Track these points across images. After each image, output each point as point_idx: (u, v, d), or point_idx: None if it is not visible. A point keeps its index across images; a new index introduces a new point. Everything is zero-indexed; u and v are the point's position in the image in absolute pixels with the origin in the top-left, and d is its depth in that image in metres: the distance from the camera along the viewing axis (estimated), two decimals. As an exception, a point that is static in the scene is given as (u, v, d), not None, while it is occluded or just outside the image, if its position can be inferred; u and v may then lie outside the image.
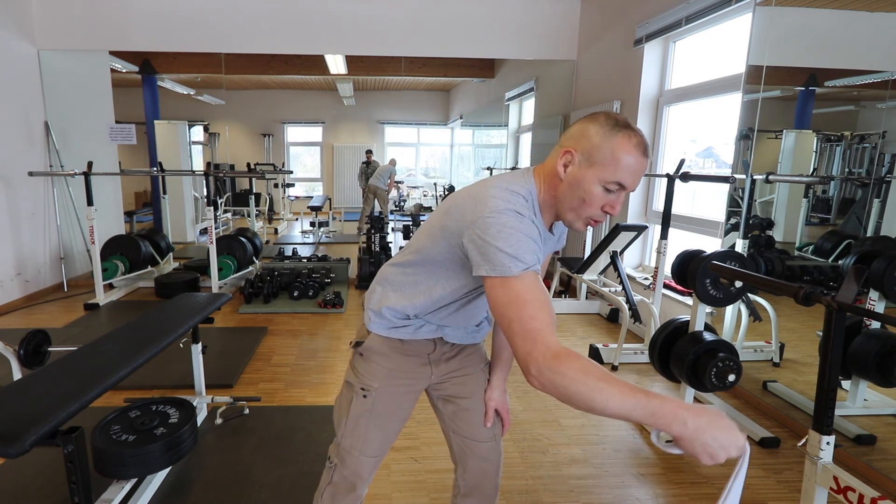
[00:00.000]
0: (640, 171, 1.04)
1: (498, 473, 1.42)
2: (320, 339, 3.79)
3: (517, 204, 1.04)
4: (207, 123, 7.29)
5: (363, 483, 1.34)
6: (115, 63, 5.62)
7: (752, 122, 2.94)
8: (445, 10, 5.07)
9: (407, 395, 1.34)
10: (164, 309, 2.34)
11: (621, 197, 1.05)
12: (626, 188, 1.04)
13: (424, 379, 1.35)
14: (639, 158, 1.02)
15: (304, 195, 9.82)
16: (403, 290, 1.24)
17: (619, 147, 1.01)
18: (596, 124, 1.04)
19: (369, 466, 1.33)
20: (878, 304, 2.25)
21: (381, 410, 1.30)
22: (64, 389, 1.53)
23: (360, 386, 1.30)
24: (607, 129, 1.03)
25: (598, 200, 1.04)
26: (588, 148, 1.03)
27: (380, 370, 1.29)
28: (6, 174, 4.51)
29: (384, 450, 1.34)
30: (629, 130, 1.02)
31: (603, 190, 1.03)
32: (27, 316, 4.30)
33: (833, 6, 2.67)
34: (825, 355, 1.33)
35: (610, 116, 1.05)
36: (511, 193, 1.05)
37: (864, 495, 1.32)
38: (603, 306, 4.47)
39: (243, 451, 2.31)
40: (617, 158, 1.01)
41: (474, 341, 1.38)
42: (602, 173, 1.02)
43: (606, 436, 2.52)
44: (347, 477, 1.32)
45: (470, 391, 1.39)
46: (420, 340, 1.29)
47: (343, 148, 9.71)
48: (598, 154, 1.02)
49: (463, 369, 1.38)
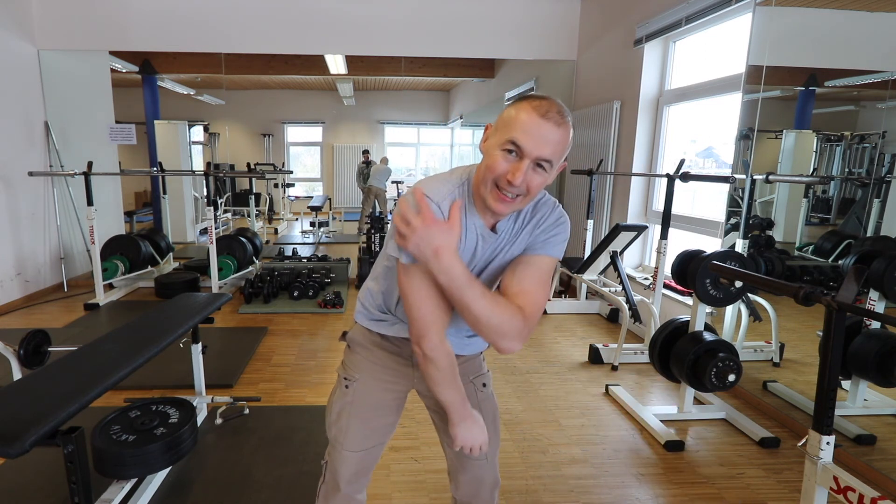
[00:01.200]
0: (538, 134, 0.97)
1: (492, 495, 1.38)
2: (320, 339, 3.79)
3: (437, 189, 1.07)
4: (207, 123, 7.29)
5: (345, 481, 1.30)
6: (115, 63, 5.62)
7: (752, 122, 2.94)
8: (445, 10, 5.07)
9: (388, 392, 1.32)
10: (164, 309, 2.34)
11: (523, 165, 0.99)
12: (522, 150, 0.98)
13: (407, 380, 1.33)
14: (534, 118, 0.97)
15: (304, 195, 9.82)
16: (379, 281, 1.26)
17: (515, 107, 1.01)
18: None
19: (350, 463, 1.30)
20: (878, 304, 2.25)
21: (360, 403, 1.30)
22: (64, 389, 1.53)
23: (344, 376, 1.32)
24: (517, 99, 1.03)
25: (500, 166, 1.00)
26: (499, 118, 1.05)
27: (363, 362, 1.30)
28: (6, 174, 4.51)
29: (365, 446, 1.31)
30: (533, 97, 1.01)
31: (503, 154, 1.00)
32: (27, 316, 4.30)
33: (833, 6, 2.67)
34: (825, 355, 1.33)
35: (530, 93, 1.04)
36: (440, 180, 1.10)
37: (864, 495, 1.32)
38: (603, 306, 4.47)
39: (243, 451, 2.31)
40: (511, 117, 1.00)
41: (461, 352, 1.30)
42: (500, 135, 1.01)
43: (606, 436, 2.52)
44: (333, 473, 1.32)
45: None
46: (401, 339, 1.27)
47: (343, 148, 9.71)
48: (501, 120, 1.03)
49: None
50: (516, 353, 3.55)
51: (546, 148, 0.98)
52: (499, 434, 1.40)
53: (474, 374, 1.37)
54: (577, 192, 5.01)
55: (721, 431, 2.58)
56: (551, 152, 0.99)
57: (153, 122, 6.34)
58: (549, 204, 1.18)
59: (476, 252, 1.14)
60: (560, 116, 0.98)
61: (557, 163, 1.03)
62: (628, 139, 4.27)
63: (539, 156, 0.99)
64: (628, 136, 4.27)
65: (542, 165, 1.00)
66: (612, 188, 4.60)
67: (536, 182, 1.02)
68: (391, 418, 1.35)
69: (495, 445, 1.37)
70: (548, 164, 1.01)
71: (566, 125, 1.00)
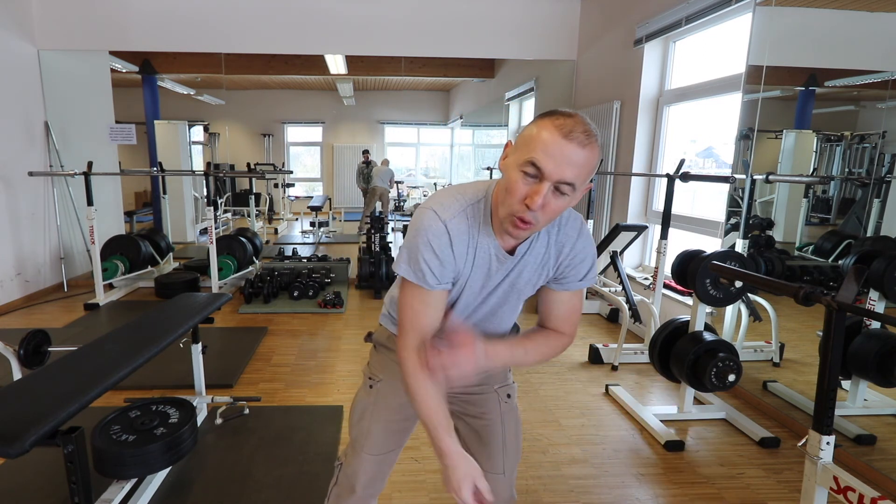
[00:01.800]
0: (561, 155, 0.90)
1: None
2: (320, 339, 3.79)
3: (447, 206, 1.03)
4: (207, 123, 7.29)
5: (361, 485, 1.30)
6: (115, 63, 5.62)
7: (752, 122, 2.94)
8: (445, 10, 5.07)
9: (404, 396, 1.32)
10: (164, 309, 2.34)
11: (543, 188, 0.92)
12: (543, 171, 0.91)
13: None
14: (556, 138, 0.90)
15: (304, 195, 9.82)
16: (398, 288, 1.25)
17: (537, 125, 0.94)
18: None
19: (369, 466, 1.30)
20: (878, 304, 2.25)
21: (383, 404, 1.29)
22: (64, 389, 1.53)
23: (369, 375, 1.32)
24: (539, 115, 0.96)
25: (519, 189, 0.93)
26: (520, 135, 0.98)
27: (387, 362, 1.29)
28: (6, 174, 4.51)
29: (385, 450, 1.30)
30: (557, 113, 0.93)
31: (522, 175, 0.93)
32: (27, 316, 4.30)
33: (833, 6, 2.67)
34: (825, 355, 1.33)
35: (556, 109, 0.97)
36: (453, 195, 1.06)
37: (864, 495, 1.32)
38: (603, 306, 4.47)
39: (243, 451, 2.31)
40: (532, 135, 0.93)
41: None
42: (520, 154, 0.94)
43: (606, 436, 2.52)
44: (349, 475, 1.31)
45: (479, 411, 1.29)
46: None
47: (343, 148, 9.71)
48: (522, 137, 0.96)
49: (473, 386, 1.29)
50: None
51: (569, 170, 0.91)
52: (519, 450, 1.35)
53: (499, 383, 1.32)
54: (577, 192, 5.01)
55: (721, 431, 2.58)
56: (574, 175, 0.91)
57: (153, 122, 6.34)
58: (575, 227, 1.11)
59: (490, 272, 1.10)
60: (586, 136, 0.91)
61: (582, 186, 0.95)
62: (628, 139, 4.27)
63: (560, 178, 0.91)
64: (628, 136, 4.27)
65: (563, 189, 0.93)
66: (612, 188, 4.60)
67: (557, 206, 0.95)
68: (411, 423, 1.34)
69: (514, 461, 1.32)
70: (570, 188, 0.93)
71: (592, 145, 0.92)
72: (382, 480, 1.35)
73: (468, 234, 1.05)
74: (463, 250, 1.05)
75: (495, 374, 1.32)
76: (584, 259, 1.12)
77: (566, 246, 1.10)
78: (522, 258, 1.10)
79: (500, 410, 1.30)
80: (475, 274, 1.10)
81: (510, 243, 1.07)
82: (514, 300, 1.18)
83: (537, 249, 1.10)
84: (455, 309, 1.16)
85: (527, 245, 1.09)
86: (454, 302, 1.15)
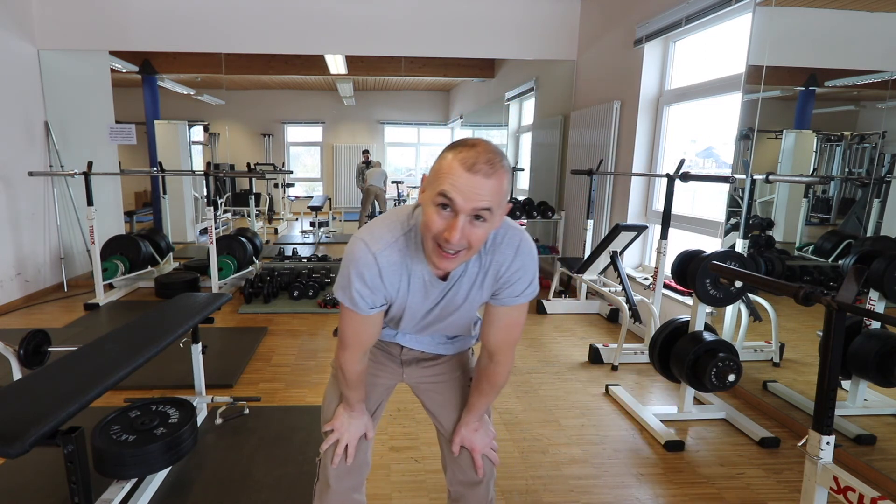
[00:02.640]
0: (466, 187, 0.92)
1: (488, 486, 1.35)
2: (320, 339, 3.79)
3: (378, 238, 1.06)
4: (207, 123, 7.29)
5: (333, 478, 1.29)
6: (115, 63, 5.62)
7: (752, 122, 2.94)
8: (445, 10, 5.07)
9: (377, 385, 1.37)
10: (164, 309, 2.34)
11: (458, 222, 0.94)
12: (455, 204, 0.93)
13: (395, 375, 1.38)
14: (461, 171, 0.92)
15: (304, 195, 9.82)
16: None
17: (444, 158, 0.96)
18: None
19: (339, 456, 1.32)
20: (878, 304, 2.25)
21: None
22: (64, 389, 1.53)
23: (336, 367, 1.33)
24: (447, 147, 0.98)
25: (436, 223, 0.96)
26: (431, 169, 1.00)
27: None
28: (6, 174, 4.51)
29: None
30: (461, 145, 0.96)
31: (437, 210, 0.95)
32: (27, 316, 4.30)
33: (833, 6, 2.67)
34: (825, 355, 1.33)
35: (462, 139, 0.99)
36: (385, 225, 1.08)
37: (864, 495, 1.32)
38: (603, 306, 4.47)
39: (243, 451, 2.31)
40: (441, 170, 0.95)
41: (447, 352, 1.38)
42: (432, 189, 0.96)
43: (606, 436, 2.52)
44: (323, 469, 1.32)
45: (442, 400, 1.39)
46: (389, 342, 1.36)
47: (343, 148, 9.72)
48: (433, 171, 0.98)
49: (436, 376, 1.39)
50: (516, 353, 3.53)
51: (479, 201, 0.93)
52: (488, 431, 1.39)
53: (460, 369, 1.41)
54: (577, 192, 5.01)
55: (721, 431, 2.58)
56: (487, 202, 0.93)
57: (153, 122, 6.34)
58: (511, 246, 1.11)
59: (427, 293, 1.14)
60: (489, 167, 0.92)
61: (498, 208, 0.97)
62: (628, 139, 4.27)
63: (474, 208, 0.93)
64: (628, 136, 4.27)
65: (481, 215, 0.95)
66: (612, 188, 4.60)
67: (479, 233, 0.97)
68: (375, 410, 1.39)
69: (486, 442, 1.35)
70: (487, 213, 0.95)
71: (498, 173, 0.93)
72: (359, 474, 1.33)
73: (401, 263, 1.08)
74: (395, 280, 1.09)
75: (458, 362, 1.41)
76: (521, 277, 1.13)
77: (503, 266, 1.11)
78: (456, 282, 1.13)
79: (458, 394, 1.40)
80: (413, 297, 1.14)
81: (441, 272, 1.10)
82: (459, 313, 1.21)
83: (470, 272, 1.12)
84: (403, 321, 1.21)
85: (460, 270, 1.11)
86: (400, 317, 1.20)
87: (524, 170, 6.65)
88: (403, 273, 1.09)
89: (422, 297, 1.14)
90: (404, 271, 1.09)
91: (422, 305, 1.17)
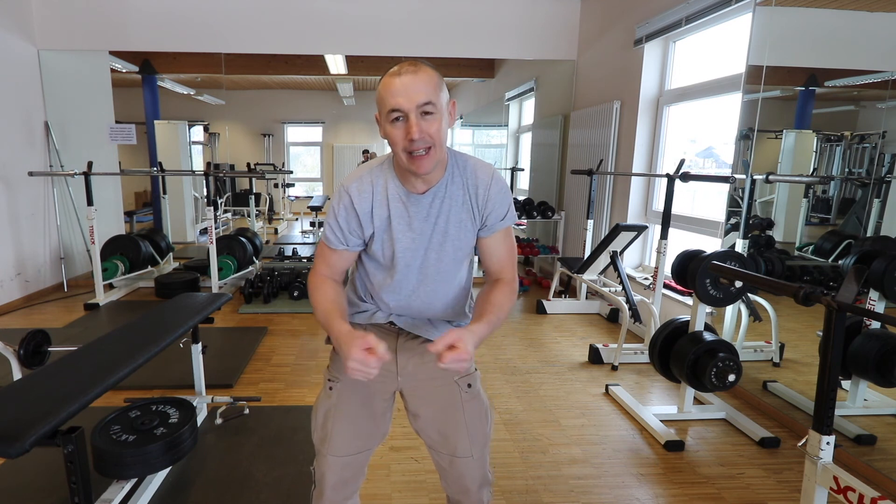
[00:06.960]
0: (402, 89, 1.06)
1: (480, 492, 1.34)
2: (320, 339, 3.79)
3: (351, 177, 1.21)
4: (207, 123, 7.29)
5: (330, 487, 1.28)
6: (115, 63, 5.62)
7: (752, 122, 2.94)
8: (445, 10, 5.07)
9: (374, 394, 1.30)
10: (164, 309, 2.34)
11: (412, 119, 1.07)
12: (402, 109, 1.07)
13: (391, 379, 1.30)
14: (392, 81, 1.07)
15: (304, 195, 9.81)
16: (357, 269, 1.34)
17: (381, 85, 1.10)
18: None
19: (335, 468, 1.28)
20: (878, 304, 2.25)
21: (345, 405, 1.28)
22: (64, 389, 1.53)
23: (328, 377, 1.31)
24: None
25: (397, 135, 1.09)
26: (376, 104, 1.14)
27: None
28: (6, 174, 4.51)
29: (350, 451, 1.29)
30: (392, 70, 1.10)
31: (392, 124, 1.09)
32: (27, 316, 4.30)
33: (833, 6, 2.67)
34: (825, 355, 1.33)
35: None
36: (361, 168, 1.24)
37: (864, 495, 1.32)
38: (603, 306, 4.47)
39: (243, 451, 2.31)
40: (380, 94, 1.10)
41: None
42: (382, 113, 1.11)
43: (606, 436, 2.52)
44: (318, 480, 1.31)
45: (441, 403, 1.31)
46: (384, 330, 1.31)
47: (343, 148, 9.70)
48: (377, 103, 1.14)
49: (433, 380, 1.30)
50: (516, 354, 3.55)
51: (417, 95, 1.06)
52: (486, 434, 1.35)
53: (459, 374, 1.32)
54: (577, 192, 5.01)
55: (721, 431, 2.58)
56: (426, 95, 1.06)
57: (153, 122, 6.33)
58: (487, 173, 1.23)
59: (409, 216, 1.20)
60: (412, 66, 1.07)
61: (441, 103, 1.09)
62: (628, 139, 4.27)
63: (417, 104, 1.06)
64: (628, 136, 4.27)
65: (427, 109, 1.07)
66: (612, 188, 4.60)
67: (434, 126, 1.08)
68: (378, 423, 1.33)
69: (482, 443, 1.33)
70: (432, 106, 1.07)
71: (422, 70, 1.08)
72: (354, 482, 1.33)
73: (371, 189, 1.20)
74: (367, 205, 1.20)
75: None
76: (502, 200, 1.24)
77: (480, 188, 1.22)
78: (442, 203, 1.20)
79: (460, 399, 1.31)
80: (396, 222, 1.20)
81: (421, 187, 1.19)
82: (451, 251, 1.23)
83: (453, 192, 1.21)
84: (397, 266, 1.23)
85: (442, 190, 1.20)
86: (392, 256, 1.23)
87: (524, 170, 6.65)
88: (376, 195, 1.19)
89: (406, 223, 1.20)
90: (376, 193, 1.19)
91: (410, 238, 1.21)
